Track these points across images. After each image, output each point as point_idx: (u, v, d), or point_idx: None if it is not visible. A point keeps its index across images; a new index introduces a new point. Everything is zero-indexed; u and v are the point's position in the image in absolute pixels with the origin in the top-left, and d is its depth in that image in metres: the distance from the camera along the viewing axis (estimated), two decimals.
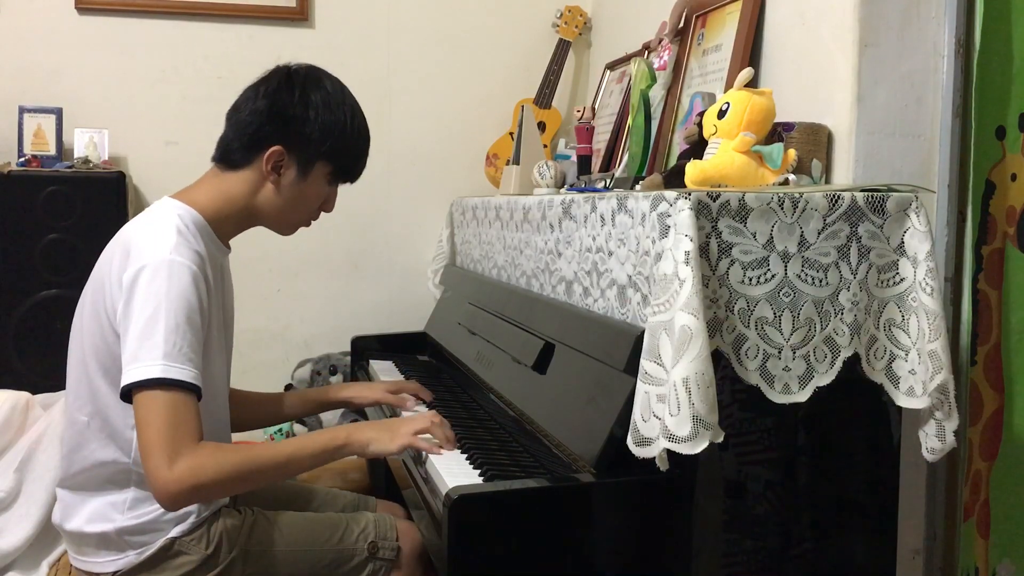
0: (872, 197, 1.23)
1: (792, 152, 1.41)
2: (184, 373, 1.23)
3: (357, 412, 2.51)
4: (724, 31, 1.82)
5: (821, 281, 1.22)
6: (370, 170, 2.74)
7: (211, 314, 1.36)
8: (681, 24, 1.97)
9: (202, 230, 1.40)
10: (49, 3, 2.51)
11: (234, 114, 1.46)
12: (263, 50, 2.63)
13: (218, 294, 1.44)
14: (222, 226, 1.45)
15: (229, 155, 1.45)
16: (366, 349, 2.34)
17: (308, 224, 1.54)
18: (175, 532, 1.36)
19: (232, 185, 1.44)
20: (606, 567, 1.24)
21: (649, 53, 2.09)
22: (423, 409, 1.75)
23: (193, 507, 1.37)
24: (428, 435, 1.43)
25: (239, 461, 1.26)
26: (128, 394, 1.23)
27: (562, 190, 2.02)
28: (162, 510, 1.35)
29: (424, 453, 1.42)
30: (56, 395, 1.97)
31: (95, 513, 1.36)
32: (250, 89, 1.46)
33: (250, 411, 1.72)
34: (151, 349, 1.22)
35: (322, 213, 1.55)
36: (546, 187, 2.03)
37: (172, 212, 1.38)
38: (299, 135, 1.43)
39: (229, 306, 1.56)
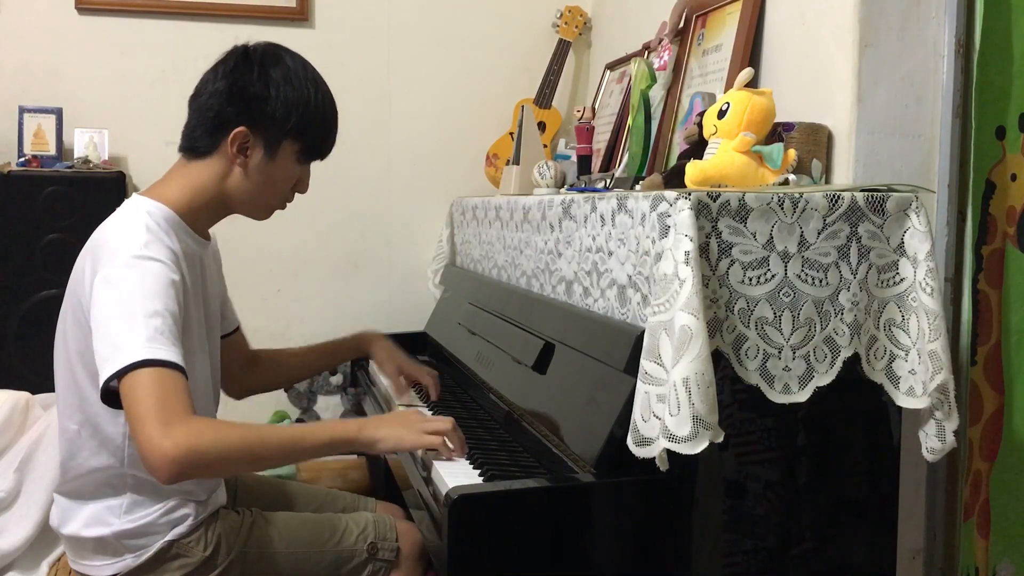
0: (872, 197, 1.23)
1: (792, 152, 1.41)
2: (169, 353, 1.18)
3: (356, 412, 2.51)
4: (724, 31, 1.82)
5: (821, 281, 1.22)
6: (370, 170, 2.77)
7: (189, 311, 1.33)
8: (681, 24, 1.97)
9: (175, 225, 1.36)
10: (49, 3, 2.51)
11: (195, 100, 1.42)
12: None
13: (197, 290, 1.40)
14: (196, 218, 1.41)
15: (194, 143, 1.41)
16: None
17: (283, 207, 1.49)
18: (173, 535, 1.35)
19: (200, 174, 1.40)
20: (606, 567, 1.24)
21: (649, 53, 2.09)
22: (425, 410, 1.75)
23: (191, 509, 1.36)
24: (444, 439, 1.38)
25: (242, 434, 1.21)
26: (110, 394, 1.18)
27: (562, 190, 2.02)
28: (159, 512, 1.34)
29: (421, 452, 1.42)
30: (56, 395, 1.97)
31: (92, 518, 1.35)
32: (208, 72, 1.42)
33: (286, 367, 1.76)
34: (133, 337, 1.18)
35: (298, 195, 1.49)
36: (546, 187, 2.03)
37: (141, 210, 1.34)
38: (262, 113, 1.37)
39: (212, 299, 1.50)
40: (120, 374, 1.16)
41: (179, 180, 1.41)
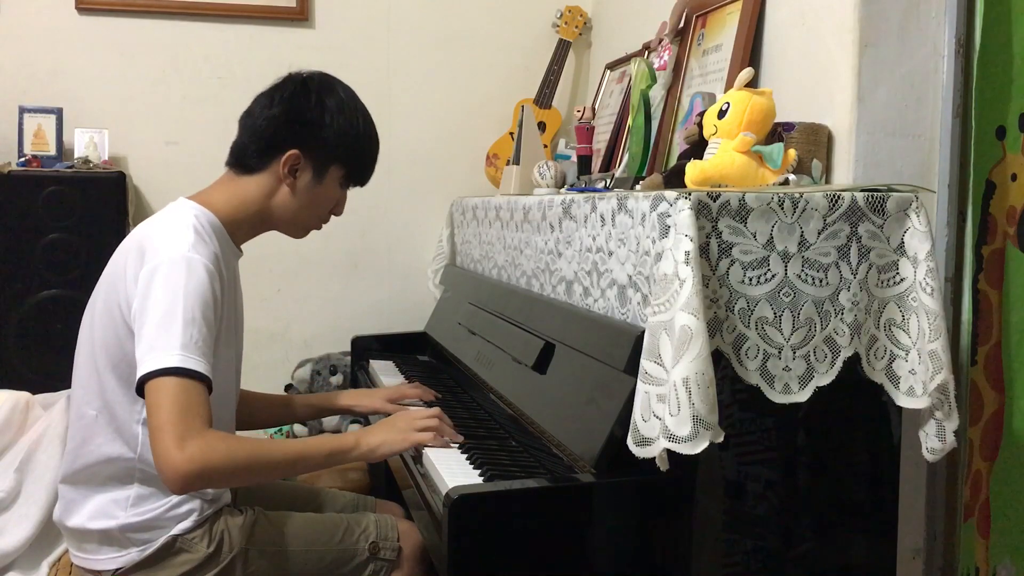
0: (872, 197, 1.23)
1: (792, 152, 1.41)
2: (199, 364, 1.24)
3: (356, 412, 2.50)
4: (724, 31, 1.82)
5: (821, 281, 1.22)
6: None
7: (223, 314, 1.38)
8: (681, 24, 1.97)
9: (217, 231, 1.42)
10: (49, 3, 2.51)
11: (247, 119, 1.49)
12: (263, 50, 2.63)
13: (231, 295, 1.45)
14: (236, 229, 1.47)
15: (244, 159, 1.47)
16: (366, 349, 2.34)
17: (319, 227, 1.57)
18: (177, 530, 1.36)
19: (247, 188, 1.47)
20: (606, 567, 1.24)
21: (649, 53, 2.09)
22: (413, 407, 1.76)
23: (196, 505, 1.37)
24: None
25: (250, 450, 1.27)
26: (142, 387, 1.23)
27: (562, 190, 2.02)
28: (165, 507, 1.36)
29: (422, 451, 1.43)
30: (56, 395, 1.97)
31: (98, 510, 1.37)
32: (264, 96, 1.49)
33: (257, 412, 1.74)
34: (169, 340, 1.24)
35: (331, 217, 1.58)
36: (546, 187, 2.03)
37: (189, 212, 1.40)
38: (315, 138, 1.46)
39: (239, 308, 1.57)
40: (149, 376, 1.22)
41: (226, 191, 1.48)
